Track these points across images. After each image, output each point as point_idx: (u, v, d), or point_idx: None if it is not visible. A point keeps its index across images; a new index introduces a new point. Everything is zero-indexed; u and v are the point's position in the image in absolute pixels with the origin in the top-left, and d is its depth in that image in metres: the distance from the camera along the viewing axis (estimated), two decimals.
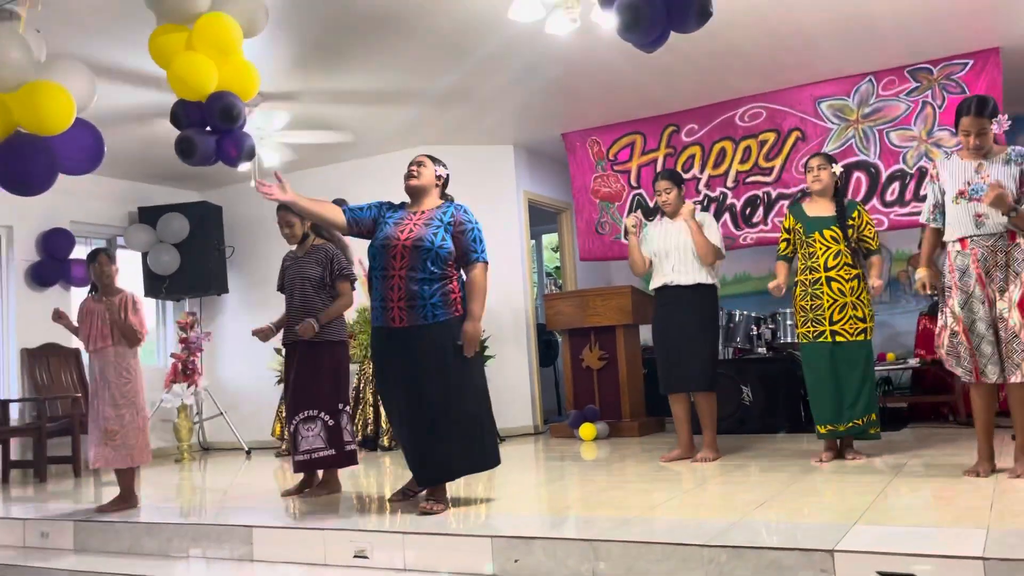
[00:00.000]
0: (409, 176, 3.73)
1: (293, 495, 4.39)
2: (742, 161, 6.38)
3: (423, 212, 3.67)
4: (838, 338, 4.29)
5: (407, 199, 3.81)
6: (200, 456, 7.42)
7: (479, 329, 3.59)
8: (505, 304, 7.11)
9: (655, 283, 4.84)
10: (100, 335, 4.33)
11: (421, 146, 7.09)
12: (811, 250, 4.38)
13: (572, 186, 7.11)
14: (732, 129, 6.42)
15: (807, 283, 4.39)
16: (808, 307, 4.37)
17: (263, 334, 4.43)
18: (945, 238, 3.68)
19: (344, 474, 4.91)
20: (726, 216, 6.41)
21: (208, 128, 4.10)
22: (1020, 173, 3.53)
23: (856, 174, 5.94)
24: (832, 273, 4.31)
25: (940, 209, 3.69)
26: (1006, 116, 3.61)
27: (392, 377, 3.63)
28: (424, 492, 3.72)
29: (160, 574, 3.39)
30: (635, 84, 5.97)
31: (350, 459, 4.38)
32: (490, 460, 3.68)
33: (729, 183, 6.43)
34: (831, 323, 4.30)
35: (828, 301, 4.31)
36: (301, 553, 3.35)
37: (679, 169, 6.54)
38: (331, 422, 4.30)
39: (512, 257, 7.17)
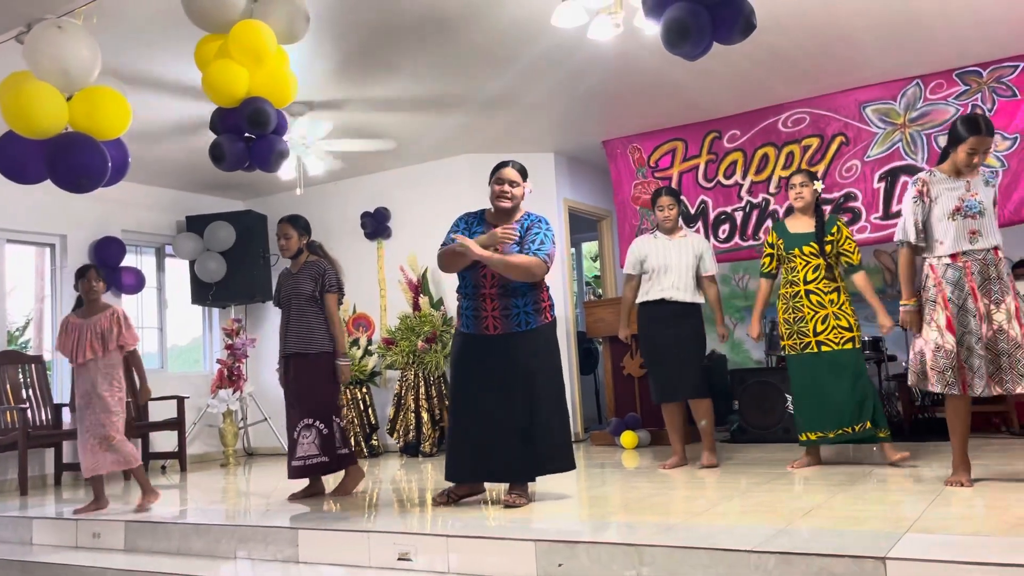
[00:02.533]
0: (501, 198, 3.86)
1: (300, 499, 4.53)
2: (785, 167, 6.31)
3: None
4: (824, 348, 4.42)
5: (471, 208, 4.06)
6: (245, 461, 7.52)
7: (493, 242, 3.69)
8: None
9: (651, 296, 4.97)
10: (89, 348, 4.56)
11: (463, 154, 7.16)
12: (792, 265, 4.56)
13: (613, 193, 7.10)
14: (775, 135, 6.36)
15: (788, 296, 4.56)
16: (791, 320, 4.52)
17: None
18: (930, 254, 3.68)
19: (387, 479, 4.95)
20: (768, 223, 6.35)
21: (244, 134, 4.19)
22: (995, 193, 3.69)
23: (903, 178, 5.84)
24: (811, 286, 4.47)
25: (922, 227, 3.68)
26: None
27: (483, 380, 3.77)
28: (508, 486, 3.89)
29: (208, 574, 3.45)
30: (677, 90, 5.95)
31: (341, 464, 4.57)
32: (570, 462, 3.89)
33: (772, 189, 6.37)
34: (815, 334, 4.44)
35: (809, 313, 4.46)
36: (346, 555, 3.38)
37: (721, 175, 6.51)
38: (325, 431, 4.50)
39: (552, 265, 7.16)
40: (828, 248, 4.44)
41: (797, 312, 4.48)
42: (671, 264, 4.89)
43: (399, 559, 3.23)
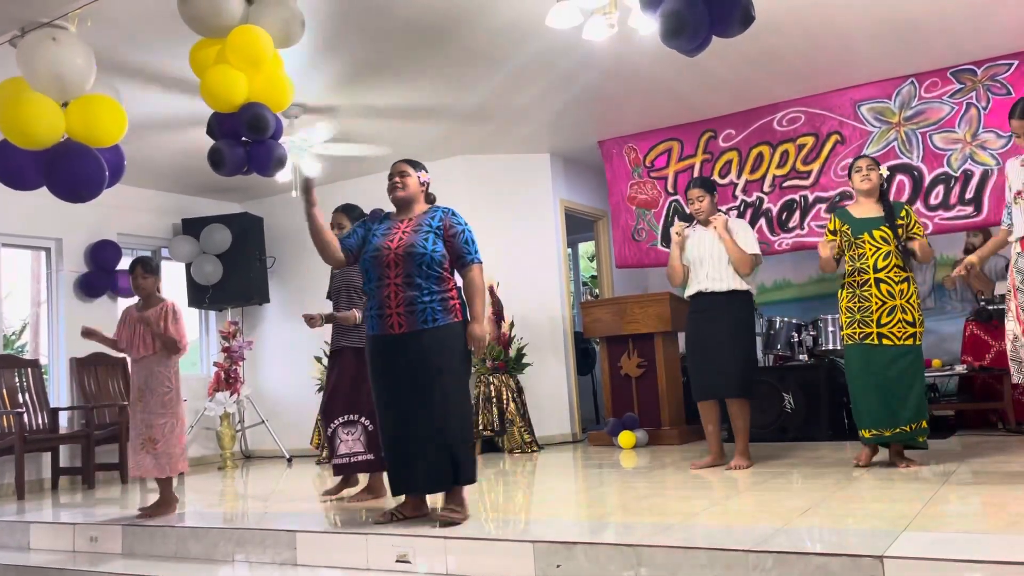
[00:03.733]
0: (394, 188, 3.71)
1: (332, 495, 4.47)
2: (779, 165, 6.32)
3: (411, 219, 3.66)
4: (885, 341, 4.21)
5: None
6: (242, 464, 7.51)
7: (485, 329, 3.58)
8: (542, 312, 7.11)
9: (690, 290, 4.88)
10: (143, 344, 4.37)
11: (459, 155, 7.16)
12: (860, 251, 4.30)
13: (608, 193, 7.10)
14: (770, 134, 6.36)
15: (855, 284, 4.31)
16: (855, 308, 4.30)
17: (312, 320, 4.33)
18: (1013, 238, 3.58)
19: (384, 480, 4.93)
20: (762, 221, 6.35)
21: (242, 139, 4.18)
22: None
23: (899, 177, 5.85)
24: (881, 275, 4.23)
25: (1009, 210, 3.60)
26: None
27: (392, 384, 3.55)
28: (443, 498, 3.62)
29: None
30: (672, 90, 5.95)
31: (384, 464, 4.42)
32: (471, 474, 3.58)
33: (766, 188, 6.37)
34: (879, 325, 4.22)
35: (876, 303, 4.23)
36: (344, 558, 3.38)
37: (716, 175, 6.51)
38: (371, 427, 4.35)
39: (549, 266, 7.17)
40: (900, 231, 4.26)
41: (864, 301, 4.25)
42: (704, 255, 4.78)
43: (397, 561, 3.22)
